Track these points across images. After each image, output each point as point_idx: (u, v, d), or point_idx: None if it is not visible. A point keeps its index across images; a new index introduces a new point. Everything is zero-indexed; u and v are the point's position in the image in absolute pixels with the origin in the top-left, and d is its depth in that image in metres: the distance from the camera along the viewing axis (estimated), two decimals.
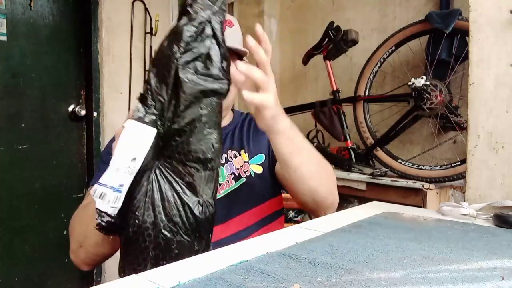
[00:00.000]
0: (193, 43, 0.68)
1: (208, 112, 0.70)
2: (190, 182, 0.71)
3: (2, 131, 2.03)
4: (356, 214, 0.93)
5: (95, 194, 0.65)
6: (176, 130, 0.69)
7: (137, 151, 0.65)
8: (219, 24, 0.70)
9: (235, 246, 0.73)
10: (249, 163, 1.08)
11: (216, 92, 0.70)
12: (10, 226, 2.07)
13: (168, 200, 0.70)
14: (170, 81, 0.68)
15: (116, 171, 0.65)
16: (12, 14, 2.04)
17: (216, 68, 0.70)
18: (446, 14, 1.91)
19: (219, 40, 0.70)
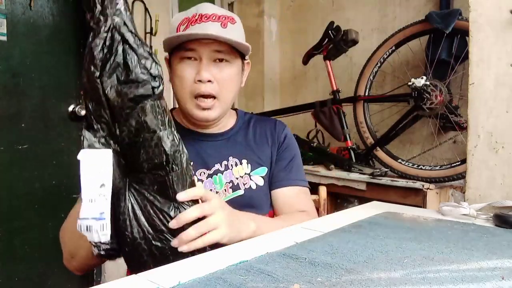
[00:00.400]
0: (106, 55, 0.66)
1: (148, 117, 0.69)
2: (159, 189, 0.71)
3: (2, 131, 2.03)
4: (356, 214, 0.93)
5: (82, 230, 0.65)
6: (128, 144, 0.69)
7: (102, 177, 0.65)
8: (125, 26, 0.67)
9: (235, 246, 0.73)
10: (250, 175, 1.05)
11: (145, 95, 0.68)
12: (10, 226, 2.06)
13: (148, 212, 0.71)
14: (103, 100, 0.67)
15: (90, 202, 0.65)
16: (12, 14, 2.04)
17: (134, 72, 0.68)
18: (446, 14, 1.91)
19: (130, 42, 0.68)
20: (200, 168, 1.02)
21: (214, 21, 0.96)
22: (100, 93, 0.66)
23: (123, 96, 0.67)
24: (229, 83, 1.00)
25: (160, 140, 0.70)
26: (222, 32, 0.95)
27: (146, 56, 0.69)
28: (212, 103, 0.99)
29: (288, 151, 1.12)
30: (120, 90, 0.67)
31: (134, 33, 0.69)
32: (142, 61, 0.68)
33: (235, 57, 1.01)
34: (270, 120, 1.18)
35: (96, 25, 0.66)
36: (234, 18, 1.01)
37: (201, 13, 0.97)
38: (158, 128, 0.70)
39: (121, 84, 0.67)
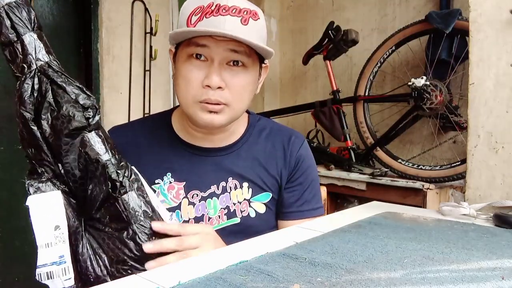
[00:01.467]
0: (37, 98, 0.67)
1: (88, 148, 0.69)
2: (114, 217, 0.70)
3: (2, 131, 2.03)
4: (356, 214, 0.93)
5: (42, 279, 0.63)
6: (75, 181, 0.69)
7: (56, 219, 0.64)
8: (50, 67, 0.68)
9: (235, 246, 0.73)
10: (250, 201, 0.92)
11: (80, 127, 0.68)
12: (10, 226, 2.06)
13: (108, 245, 0.70)
14: (41, 142, 0.67)
15: (46, 247, 0.63)
16: None
17: (65, 107, 0.68)
18: (446, 14, 1.91)
19: (58, 82, 0.68)
20: (193, 189, 0.89)
21: (233, 15, 0.79)
22: (38, 136, 0.66)
23: (59, 133, 0.67)
24: (242, 91, 0.85)
25: (104, 168, 0.69)
26: (242, 30, 0.79)
27: (76, 91, 0.69)
28: (221, 107, 0.83)
29: (303, 176, 0.97)
30: (55, 127, 0.67)
31: (60, 72, 0.69)
32: (72, 96, 0.68)
33: (253, 60, 0.85)
34: (285, 132, 1.00)
35: (21, 73, 0.67)
36: (257, 13, 0.84)
37: (219, 3, 0.80)
38: (101, 157, 0.69)
39: (55, 121, 0.67)
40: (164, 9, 2.55)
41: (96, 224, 0.70)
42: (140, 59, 2.46)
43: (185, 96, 0.84)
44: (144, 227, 0.71)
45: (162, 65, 2.55)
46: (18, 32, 0.67)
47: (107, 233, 0.70)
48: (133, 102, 2.42)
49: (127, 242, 0.69)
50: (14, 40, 0.67)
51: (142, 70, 2.47)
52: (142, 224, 0.71)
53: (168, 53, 0.92)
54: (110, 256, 0.69)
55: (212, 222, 0.89)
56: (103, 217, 0.70)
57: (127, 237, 0.69)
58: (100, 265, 0.69)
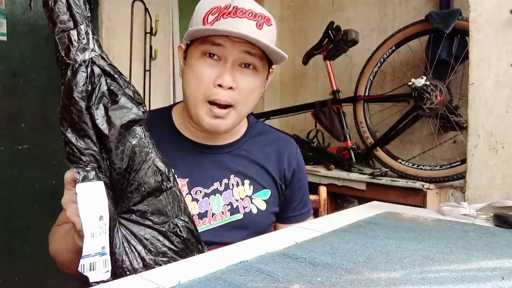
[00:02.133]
0: (90, 87, 0.68)
1: (137, 141, 0.71)
2: (155, 210, 0.71)
3: (2, 131, 2.03)
4: (356, 214, 0.93)
5: (84, 270, 0.63)
6: (119, 173, 0.70)
7: (100, 209, 0.65)
8: (102, 59, 0.69)
9: (235, 246, 0.73)
10: (252, 198, 0.94)
11: (135, 120, 0.70)
12: (10, 226, 2.06)
13: (145, 237, 0.70)
14: (90, 131, 0.67)
15: (92, 237, 0.64)
16: (12, 14, 2.03)
17: (122, 99, 0.69)
18: (446, 14, 1.91)
19: (112, 73, 0.70)
20: (196, 186, 0.90)
21: (250, 18, 0.82)
22: (89, 124, 0.67)
23: (114, 123, 0.68)
24: (250, 94, 0.87)
25: (153, 161, 0.71)
26: (257, 33, 0.81)
27: (127, 85, 0.71)
28: (227, 111, 0.85)
29: (301, 182, 1.03)
30: (111, 118, 0.68)
31: (112, 64, 0.71)
32: (126, 89, 0.70)
33: (264, 64, 0.88)
34: (282, 138, 1.04)
35: (73, 61, 0.67)
36: (270, 19, 0.87)
37: (236, 6, 0.82)
38: (149, 150, 0.72)
39: (111, 111, 0.68)
40: (164, 9, 2.55)
41: (133, 217, 0.71)
42: (140, 59, 2.46)
43: (195, 94, 0.85)
44: (185, 221, 0.73)
45: (162, 65, 2.54)
46: (76, 21, 0.67)
47: (146, 226, 0.71)
48: None
49: (168, 235, 0.71)
50: (70, 28, 0.67)
51: (142, 70, 2.46)
52: (182, 219, 0.73)
53: (177, 50, 0.92)
54: (148, 248, 0.70)
55: (215, 218, 0.90)
56: (146, 210, 0.71)
57: (169, 230, 0.71)
58: (136, 257, 0.70)
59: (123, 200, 0.71)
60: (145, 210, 0.71)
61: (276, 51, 0.83)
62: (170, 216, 0.72)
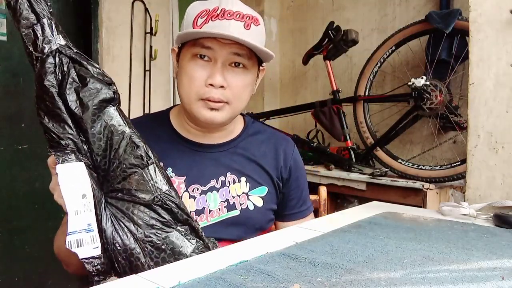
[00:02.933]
0: (60, 74, 0.71)
1: (115, 120, 0.74)
2: (139, 186, 0.73)
3: (2, 131, 2.03)
4: (356, 214, 0.93)
5: (72, 247, 0.65)
6: (99, 154, 0.72)
7: (82, 188, 0.67)
8: (68, 48, 0.72)
9: (235, 246, 0.73)
10: (248, 195, 0.95)
11: (107, 99, 0.73)
12: (10, 226, 2.06)
13: (132, 212, 0.72)
14: (64, 115, 0.70)
15: (75, 214, 0.66)
16: None
17: (91, 82, 0.72)
18: (446, 14, 1.91)
19: (79, 59, 0.72)
20: (193, 183, 0.92)
21: (237, 19, 0.85)
22: (63, 109, 0.69)
23: (86, 105, 0.71)
24: (242, 91, 0.90)
25: (130, 138, 0.74)
26: (244, 34, 0.84)
27: (97, 68, 0.74)
28: (222, 105, 0.88)
29: (299, 180, 1.04)
30: (83, 100, 0.71)
31: (79, 52, 0.74)
32: (94, 73, 0.73)
33: (253, 63, 0.91)
34: (279, 137, 1.06)
35: (41, 52, 0.70)
36: (258, 19, 0.90)
37: (224, 8, 0.85)
38: (125, 128, 0.74)
39: (82, 94, 0.71)
40: (164, 9, 2.55)
41: (119, 194, 0.73)
42: (140, 59, 2.46)
43: (188, 93, 0.89)
44: (170, 195, 0.75)
45: (162, 65, 2.55)
46: (38, 16, 0.70)
47: (132, 201, 0.73)
48: (133, 102, 2.42)
49: (155, 207, 0.73)
50: (34, 23, 0.70)
51: (142, 70, 2.47)
52: (167, 193, 0.75)
53: (171, 52, 0.96)
54: (137, 222, 0.72)
55: (212, 215, 0.92)
56: (129, 186, 0.73)
57: (154, 203, 0.73)
58: (126, 233, 0.71)
59: (108, 180, 0.73)
60: (129, 188, 0.73)
61: (263, 50, 0.86)
62: (154, 191, 0.74)
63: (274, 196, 1.00)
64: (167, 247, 0.73)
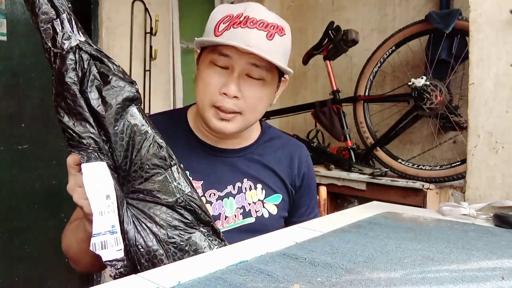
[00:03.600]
0: (80, 72, 0.69)
1: (138, 120, 0.72)
2: (162, 187, 0.72)
3: (2, 131, 2.03)
4: (356, 214, 0.93)
5: (96, 249, 0.64)
6: (121, 154, 0.70)
7: (106, 188, 0.66)
8: (88, 44, 0.71)
9: (235, 246, 0.73)
10: (264, 202, 0.95)
11: (130, 99, 0.71)
12: (10, 226, 2.06)
13: (154, 213, 0.71)
14: (86, 114, 0.68)
15: (100, 215, 0.64)
16: (12, 14, 2.03)
17: (114, 79, 0.70)
18: (446, 14, 1.91)
19: (100, 56, 0.71)
20: (210, 188, 0.91)
21: (260, 29, 0.82)
22: (85, 108, 0.68)
23: (110, 103, 0.69)
24: (257, 103, 0.87)
25: (153, 138, 0.72)
26: (266, 45, 0.81)
27: (117, 67, 0.72)
28: (233, 115, 0.86)
29: (310, 188, 1.03)
30: (105, 98, 0.69)
31: (98, 49, 0.72)
32: (115, 70, 0.72)
33: (273, 75, 0.87)
34: (294, 143, 1.05)
35: (60, 49, 0.68)
36: (284, 29, 0.86)
37: (248, 15, 0.82)
38: (148, 128, 0.72)
39: (105, 92, 0.69)
40: (164, 9, 2.55)
41: (141, 195, 0.72)
42: (140, 59, 2.46)
43: (202, 99, 0.87)
44: (193, 197, 0.74)
45: (162, 65, 2.54)
46: (58, 11, 0.68)
47: (154, 203, 0.72)
48: None
49: (177, 208, 0.72)
50: (53, 18, 0.68)
51: (142, 70, 2.46)
52: (189, 195, 0.74)
53: (194, 54, 0.94)
54: (160, 223, 0.71)
55: (228, 221, 0.91)
56: (152, 187, 0.72)
57: (177, 205, 0.72)
58: (148, 234, 0.70)
59: (129, 181, 0.71)
60: (151, 189, 0.71)
61: (280, 66, 0.83)
62: (177, 192, 0.72)
63: (287, 204, 0.99)
64: (190, 248, 0.72)
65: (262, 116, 1.03)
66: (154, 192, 0.71)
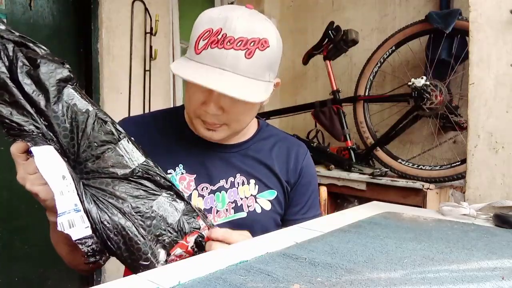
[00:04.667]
0: (6, 60, 0.67)
1: (76, 99, 0.70)
2: (114, 164, 0.71)
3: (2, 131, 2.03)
4: (356, 214, 0.93)
5: (64, 228, 0.64)
6: (66, 136, 0.69)
7: (60, 169, 0.65)
8: (10, 32, 0.68)
9: (235, 246, 0.73)
10: (256, 197, 0.95)
11: (64, 79, 0.70)
12: (10, 226, 2.06)
13: (114, 188, 0.70)
14: (22, 101, 0.67)
15: (61, 194, 0.64)
16: (12, 14, 2.04)
17: (44, 62, 0.68)
18: (446, 14, 1.91)
19: (25, 43, 0.68)
20: (203, 182, 0.92)
21: (238, 48, 0.78)
22: (19, 95, 0.66)
23: (44, 87, 0.67)
24: (241, 116, 0.87)
25: (96, 115, 0.71)
26: (243, 64, 0.79)
27: (44, 50, 0.70)
28: (219, 126, 0.87)
29: (307, 186, 1.02)
30: (39, 83, 0.67)
31: (22, 35, 0.69)
32: (43, 53, 0.69)
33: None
34: (291, 142, 1.04)
35: None
36: (267, 41, 0.82)
37: (226, 33, 0.78)
38: (89, 106, 0.71)
39: (37, 76, 0.67)
40: (164, 9, 2.55)
41: (96, 174, 0.71)
42: (140, 59, 2.46)
43: (188, 109, 0.90)
44: (149, 165, 0.73)
45: (162, 65, 2.55)
46: None
47: (111, 177, 0.71)
48: (133, 102, 2.42)
49: (135, 179, 0.72)
50: None
51: (142, 70, 2.47)
52: (145, 164, 0.73)
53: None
54: (120, 196, 0.70)
55: (219, 215, 0.92)
56: (105, 164, 0.71)
57: (134, 175, 0.72)
58: (111, 208, 0.70)
59: (80, 163, 0.70)
60: (105, 165, 0.71)
61: (242, 100, 0.77)
62: (132, 164, 0.72)
63: (282, 201, 0.99)
64: (157, 214, 0.72)
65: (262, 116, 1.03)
66: (108, 168, 0.71)
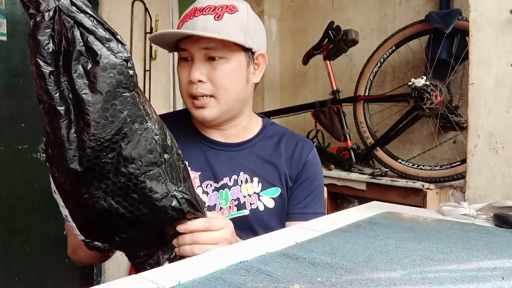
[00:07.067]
0: (59, 45, 0.54)
1: (128, 108, 0.59)
2: (147, 186, 0.63)
3: (2, 131, 2.03)
4: (356, 214, 0.93)
5: (74, 230, 0.65)
6: (106, 147, 0.58)
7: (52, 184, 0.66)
8: (74, 6, 0.54)
9: (235, 246, 0.73)
10: (259, 195, 0.96)
11: (123, 84, 0.58)
12: (10, 226, 2.06)
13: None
14: (58, 102, 0.56)
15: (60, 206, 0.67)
16: (12, 14, 2.03)
17: (105, 58, 0.55)
18: (446, 14, 1.91)
19: (87, 25, 0.54)
20: (207, 179, 0.95)
21: (206, 13, 0.86)
22: (55, 97, 0.56)
23: (99, 89, 0.55)
24: (225, 81, 0.89)
25: (147, 131, 0.61)
26: (213, 25, 0.85)
27: (109, 38, 0.56)
28: (208, 101, 0.90)
29: (309, 181, 1.01)
30: (92, 82, 0.55)
31: (88, 12, 0.55)
32: (106, 44, 0.56)
33: (233, 51, 0.89)
34: (297, 138, 1.05)
35: (36, 10, 0.51)
36: (235, 6, 0.89)
37: (195, 7, 0.89)
38: (143, 119, 0.61)
39: (92, 75, 0.55)
40: (164, 9, 2.55)
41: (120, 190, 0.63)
42: (140, 59, 2.46)
43: (181, 93, 0.95)
44: (184, 192, 0.67)
45: (162, 65, 2.55)
46: None
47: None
48: None
49: (162, 205, 0.65)
50: None
51: (142, 70, 2.47)
52: (181, 190, 0.67)
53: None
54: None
55: (223, 212, 0.93)
56: (144, 186, 0.63)
57: (165, 204, 0.65)
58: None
59: (104, 178, 0.61)
60: (143, 186, 0.62)
61: (227, 39, 0.85)
62: (169, 190, 0.65)
63: (286, 198, 0.99)
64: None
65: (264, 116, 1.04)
66: (145, 190, 0.64)
